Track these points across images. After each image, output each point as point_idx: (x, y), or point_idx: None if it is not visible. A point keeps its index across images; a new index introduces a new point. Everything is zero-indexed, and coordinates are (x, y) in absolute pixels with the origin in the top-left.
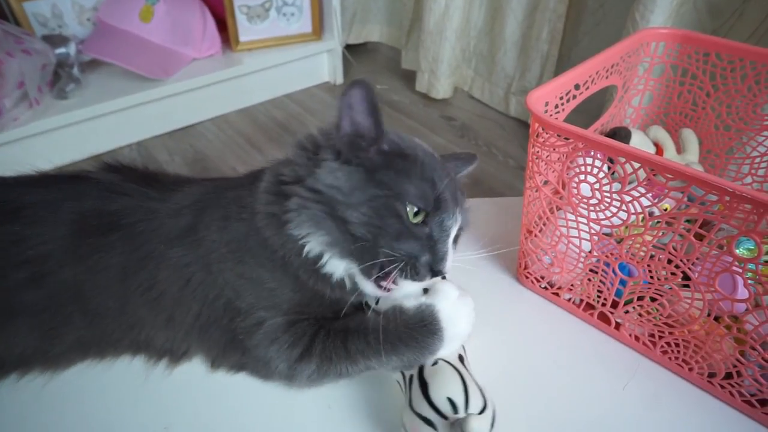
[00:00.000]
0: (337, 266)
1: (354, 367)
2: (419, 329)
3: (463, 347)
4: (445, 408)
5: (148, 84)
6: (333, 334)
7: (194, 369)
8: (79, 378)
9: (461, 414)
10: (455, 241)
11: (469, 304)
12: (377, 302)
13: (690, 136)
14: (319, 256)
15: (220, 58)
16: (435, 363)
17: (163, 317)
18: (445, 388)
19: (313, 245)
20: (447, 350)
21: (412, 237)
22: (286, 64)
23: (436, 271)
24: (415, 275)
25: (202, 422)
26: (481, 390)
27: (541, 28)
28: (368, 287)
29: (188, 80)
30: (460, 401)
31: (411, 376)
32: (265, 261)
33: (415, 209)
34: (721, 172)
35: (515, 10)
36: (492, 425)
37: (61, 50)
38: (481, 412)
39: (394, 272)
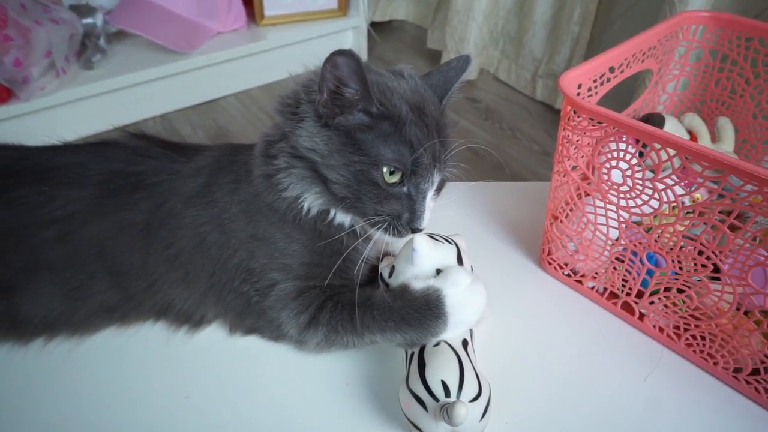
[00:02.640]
0: (345, 218)
1: (359, 340)
2: (423, 311)
3: (471, 332)
4: (438, 390)
5: (172, 56)
6: (341, 306)
7: (215, 341)
8: (103, 348)
9: (453, 398)
10: (439, 190)
11: (480, 292)
12: (390, 275)
13: (726, 125)
14: (325, 212)
15: (244, 33)
16: (437, 344)
17: (180, 274)
18: (441, 370)
19: (310, 203)
20: (450, 334)
21: (392, 198)
22: (311, 41)
23: (414, 228)
24: (396, 233)
25: (221, 393)
26: (478, 378)
27: (573, 9)
28: (379, 234)
29: (212, 54)
30: (453, 386)
31: (412, 354)
32: (275, 220)
33: (392, 169)
34: (757, 163)
35: None
36: (484, 414)
37: (88, 20)
38: (474, 399)
39: (379, 231)
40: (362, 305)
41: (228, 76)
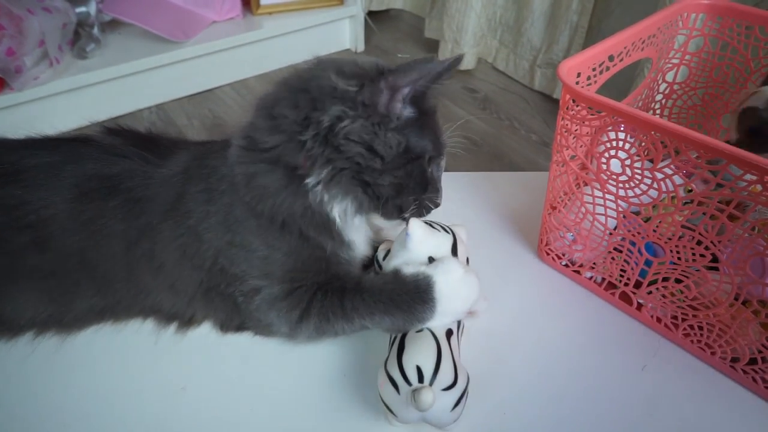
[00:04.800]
0: (342, 210)
1: (349, 325)
2: (412, 295)
3: (460, 324)
4: (412, 374)
5: (167, 46)
6: (330, 293)
7: (210, 332)
8: (96, 339)
9: (425, 384)
10: None
11: (472, 283)
12: (384, 258)
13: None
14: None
15: (240, 22)
16: (420, 330)
17: (167, 284)
18: (418, 355)
19: (336, 209)
20: (437, 322)
21: (430, 182)
22: (307, 30)
23: (437, 204)
24: (425, 213)
25: (218, 384)
26: (456, 368)
27: None
28: (383, 222)
29: (208, 43)
30: (427, 372)
31: (395, 337)
32: (254, 228)
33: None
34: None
35: None
36: (456, 405)
37: (82, 9)
38: (448, 389)
39: (410, 214)
40: (352, 289)
41: (224, 65)
